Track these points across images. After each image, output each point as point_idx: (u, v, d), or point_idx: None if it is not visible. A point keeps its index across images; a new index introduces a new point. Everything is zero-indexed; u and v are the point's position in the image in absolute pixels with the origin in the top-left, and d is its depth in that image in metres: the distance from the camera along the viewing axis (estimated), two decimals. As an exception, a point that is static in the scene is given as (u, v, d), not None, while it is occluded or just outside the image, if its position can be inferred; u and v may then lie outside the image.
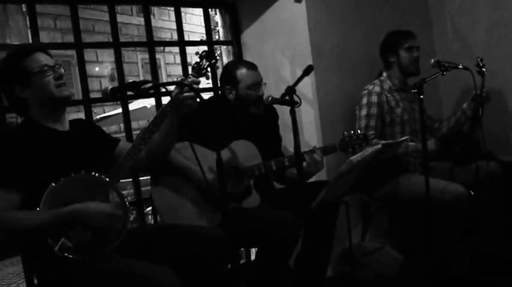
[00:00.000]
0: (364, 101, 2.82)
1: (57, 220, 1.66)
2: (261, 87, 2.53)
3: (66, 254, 1.68)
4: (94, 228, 1.72)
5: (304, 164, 2.35)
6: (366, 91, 2.85)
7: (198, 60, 2.08)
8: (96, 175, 1.78)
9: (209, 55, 2.05)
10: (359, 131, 2.49)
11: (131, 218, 1.86)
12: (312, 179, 2.57)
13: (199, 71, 2.05)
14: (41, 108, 1.86)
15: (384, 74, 2.93)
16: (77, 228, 1.71)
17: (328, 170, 2.92)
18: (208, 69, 2.06)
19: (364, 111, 2.80)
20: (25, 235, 1.68)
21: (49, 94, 1.84)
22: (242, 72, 2.51)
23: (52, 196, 1.70)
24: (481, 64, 2.79)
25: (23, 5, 7.95)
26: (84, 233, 1.72)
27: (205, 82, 2.52)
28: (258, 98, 2.50)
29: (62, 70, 1.89)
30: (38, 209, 1.68)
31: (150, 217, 4.24)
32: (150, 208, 4.05)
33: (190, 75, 2.02)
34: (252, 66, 2.57)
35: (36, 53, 1.86)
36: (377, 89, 2.83)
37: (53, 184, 1.70)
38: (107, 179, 1.80)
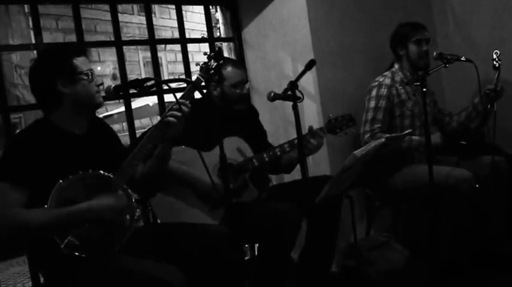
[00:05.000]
0: (374, 93, 2.78)
1: (63, 219, 1.67)
2: (245, 86, 2.56)
3: (72, 252, 1.69)
4: (101, 223, 1.73)
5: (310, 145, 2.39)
6: (376, 83, 2.80)
7: (206, 60, 2.11)
8: (104, 173, 1.79)
9: (217, 56, 2.07)
10: (345, 113, 2.50)
11: (136, 216, 1.86)
12: (315, 171, 2.58)
13: (207, 71, 2.07)
14: (71, 107, 1.86)
15: (396, 66, 2.89)
16: (84, 226, 1.72)
17: (332, 165, 2.93)
18: (216, 69, 2.09)
19: (372, 104, 2.76)
20: (31, 232, 1.68)
21: (90, 97, 1.87)
22: (228, 70, 2.52)
23: (60, 193, 1.71)
24: (497, 59, 2.75)
25: (26, 6, 7.98)
26: (92, 231, 1.73)
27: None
28: (242, 96, 2.54)
29: (100, 80, 1.94)
30: (45, 206, 1.69)
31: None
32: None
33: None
34: (237, 65, 2.60)
35: (83, 56, 1.89)
36: (388, 81, 2.79)
37: (61, 181, 1.71)
38: (114, 178, 1.81)
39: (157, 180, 2.06)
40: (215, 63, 2.07)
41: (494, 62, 2.76)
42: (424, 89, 2.31)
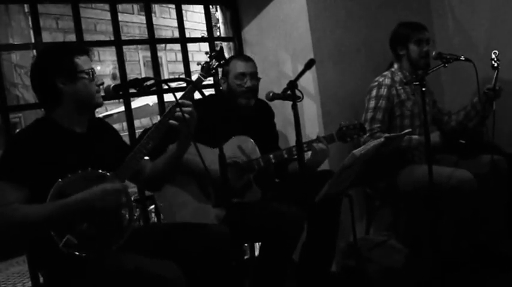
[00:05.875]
0: (374, 93, 2.78)
1: (61, 211, 1.67)
2: (248, 78, 2.53)
3: (71, 251, 1.69)
4: (100, 211, 1.72)
5: (309, 153, 2.36)
6: (376, 83, 2.80)
7: (208, 60, 2.11)
8: (103, 172, 1.80)
9: (219, 55, 2.07)
10: (356, 121, 2.49)
11: (135, 216, 1.87)
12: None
13: (208, 70, 2.07)
14: (72, 106, 1.87)
15: (395, 66, 2.88)
16: (82, 219, 1.72)
17: (331, 162, 2.93)
18: (218, 69, 2.09)
19: (372, 104, 2.76)
20: (30, 227, 1.69)
21: (89, 97, 1.88)
22: (233, 62, 2.54)
23: (58, 191, 1.71)
24: (496, 58, 2.75)
25: (25, 5, 7.97)
26: (90, 229, 1.73)
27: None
28: (246, 89, 2.52)
29: (101, 79, 1.94)
30: None
31: (153, 214, 4.25)
32: (153, 206, 4.07)
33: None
34: (245, 58, 2.59)
35: (85, 55, 1.89)
36: (387, 81, 2.79)
37: (60, 180, 1.72)
38: (113, 177, 1.81)
39: (168, 177, 2.08)
40: (216, 63, 2.07)
41: (493, 62, 2.76)
42: (424, 89, 2.31)
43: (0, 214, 1.67)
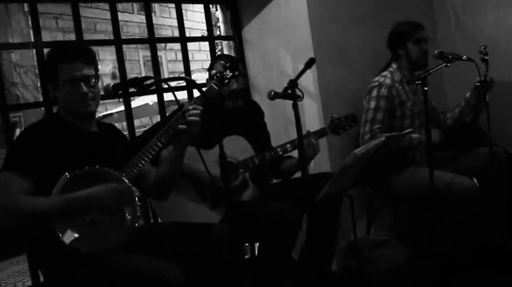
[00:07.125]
0: (374, 93, 2.74)
1: (64, 205, 1.69)
2: (233, 81, 2.47)
3: (71, 244, 1.69)
4: (102, 209, 1.74)
5: None
6: (376, 83, 2.76)
7: (222, 69, 2.13)
8: (110, 170, 1.81)
9: (233, 66, 2.09)
10: (348, 113, 2.52)
11: (138, 215, 1.86)
12: (315, 171, 2.58)
13: (221, 80, 2.07)
14: (67, 110, 1.91)
15: (394, 65, 2.85)
16: (85, 217, 1.73)
17: (332, 165, 2.92)
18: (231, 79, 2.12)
19: (372, 104, 2.73)
20: (34, 218, 1.70)
21: (71, 106, 1.89)
22: (217, 65, 2.52)
23: (64, 186, 1.72)
24: (484, 52, 2.73)
25: (25, 5, 7.97)
26: (92, 224, 1.74)
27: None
28: (231, 92, 2.51)
29: (85, 88, 1.85)
30: None
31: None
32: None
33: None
34: (227, 59, 2.55)
35: (75, 61, 1.85)
36: (388, 81, 2.75)
37: (67, 174, 1.73)
38: (119, 175, 1.82)
39: (172, 181, 2.07)
40: (230, 74, 2.07)
41: (482, 55, 2.74)
42: (426, 88, 2.30)
43: (6, 204, 1.69)
